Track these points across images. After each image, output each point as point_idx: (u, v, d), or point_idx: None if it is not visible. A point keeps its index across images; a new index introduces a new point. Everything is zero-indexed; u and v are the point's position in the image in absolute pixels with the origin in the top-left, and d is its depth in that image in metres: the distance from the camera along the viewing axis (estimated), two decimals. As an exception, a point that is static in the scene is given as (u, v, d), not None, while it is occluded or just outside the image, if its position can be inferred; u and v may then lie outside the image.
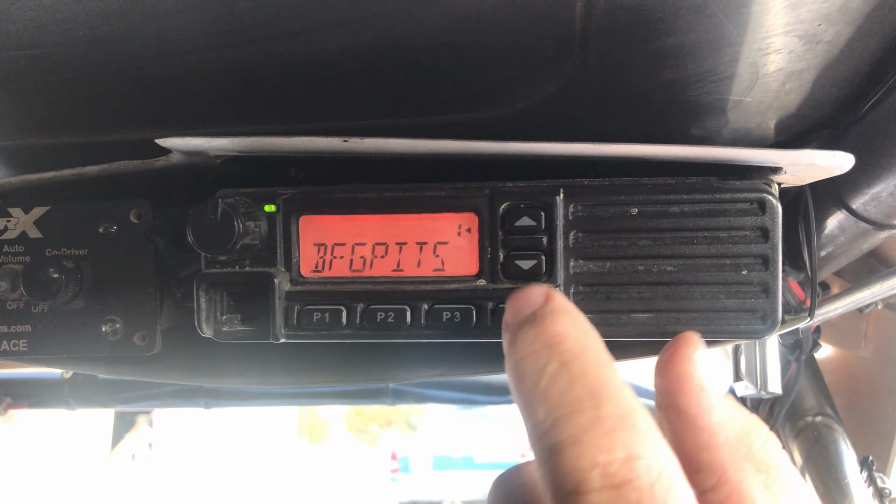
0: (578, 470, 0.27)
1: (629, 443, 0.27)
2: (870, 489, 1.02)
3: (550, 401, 0.30)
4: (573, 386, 0.30)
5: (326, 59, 0.44)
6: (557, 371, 0.31)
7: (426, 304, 0.47)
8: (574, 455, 0.27)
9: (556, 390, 0.30)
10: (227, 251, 0.47)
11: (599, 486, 0.26)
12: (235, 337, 0.49)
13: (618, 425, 0.28)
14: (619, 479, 0.26)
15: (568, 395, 0.30)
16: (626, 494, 0.26)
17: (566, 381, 0.30)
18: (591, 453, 0.27)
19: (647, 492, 0.26)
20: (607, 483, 0.26)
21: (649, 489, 0.26)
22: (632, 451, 0.27)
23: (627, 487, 0.26)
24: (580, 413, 0.29)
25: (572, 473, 0.27)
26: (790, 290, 0.72)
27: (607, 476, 0.27)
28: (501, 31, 0.41)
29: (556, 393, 0.30)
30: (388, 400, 1.60)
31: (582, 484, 0.27)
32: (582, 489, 0.26)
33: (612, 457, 0.27)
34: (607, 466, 0.27)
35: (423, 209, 0.47)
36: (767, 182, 0.44)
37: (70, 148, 0.54)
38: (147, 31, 0.41)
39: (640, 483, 0.26)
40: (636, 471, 0.27)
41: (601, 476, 0.27)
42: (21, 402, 1.64)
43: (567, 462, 0.27)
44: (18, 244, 0.54)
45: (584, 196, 0.45)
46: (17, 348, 0.54)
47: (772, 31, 0.41)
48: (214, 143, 0.46)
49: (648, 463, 0.27)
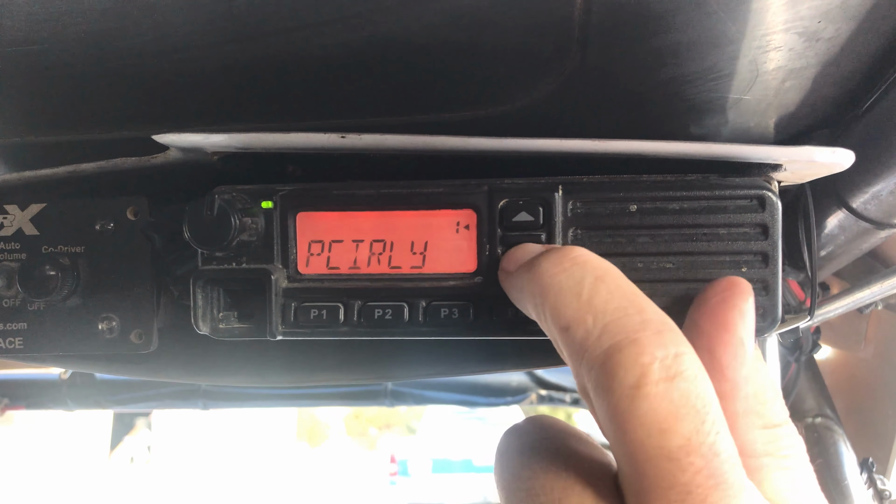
0: (641, 364, 0.30)
1: (676, 341, 0.31)
2: (870, 491, 1.01)
3: (597, 308, 0.33)
4: (613, 296, 0.33)
5: (324, 55, 0.44)
6: (595, 283, 0.34)
7: (424, 301, 0.47)
8: (635, 352, 0.30)
9: (599, 300, 0.33)
10: (223, 248, 0.47)
11: (658, 377, 0.30)
12: (232, 334, 0.49)
13: (663, 327, 0.31)
14: (674, 370, 0.30)
15: (611, 303, 0.33)
16: (679, 384, 0.30)
17: (606, 292, 0.33)
18: (650, 349, 0.30)
19: (693, 381, 0.30)
20: (664, 375, 0.30)
21: (694, 379, 0.30)
22: (679, 347, 0.31)
23: (679, 378, 0.30)
24: (629, 317, 0.32)
25: (635, 368, 0.30)
26: (790, 290, 0.72)
27: (664, 368, 0.30)
28: (500, 28, 0.41)
29: (601, 302, 0.33)
30: (387, 401, 1.61)
31: (644, 376, 0.30)
32: (644, 381, 0.30)
33: (666, 352, 0.30)
34: (664, 360, 0.30)
35: (421, 206, 0.47)
36: (767, 179, 0.44)
37: (67, 145, 0.54)
38: (144, 28, 0.41)
39: (688, 374, 0.30)
40: (685, 363, 0.30)
41: (659, 368, 0.30)
42: (19, 403, 1.64)
43: (629, 357, 0.30)
44: (14, 241, 0.54)
45: (582, 193, 0.45)
46: (13, 346, 0.54)
47: (772, 29, 0.41)
48: (211, 139, 0.46)
49: (691, 357, 0.31)
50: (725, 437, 0.30)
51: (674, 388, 0.29)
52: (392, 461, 9.23)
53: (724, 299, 0.36)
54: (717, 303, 0.36)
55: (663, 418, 0.29)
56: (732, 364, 0.35)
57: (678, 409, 0.29)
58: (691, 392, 0.30)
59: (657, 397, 0.29)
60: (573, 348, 0.33)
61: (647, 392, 0.29)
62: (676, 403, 0.29)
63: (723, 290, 0.37)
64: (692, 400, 0.30)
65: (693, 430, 0.29)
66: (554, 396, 1.72)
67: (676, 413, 0.29)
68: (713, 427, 0.30)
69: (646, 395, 0.29)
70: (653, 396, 0.29)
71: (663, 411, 0.29)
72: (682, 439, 0.29)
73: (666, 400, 0.29)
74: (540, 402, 1.73)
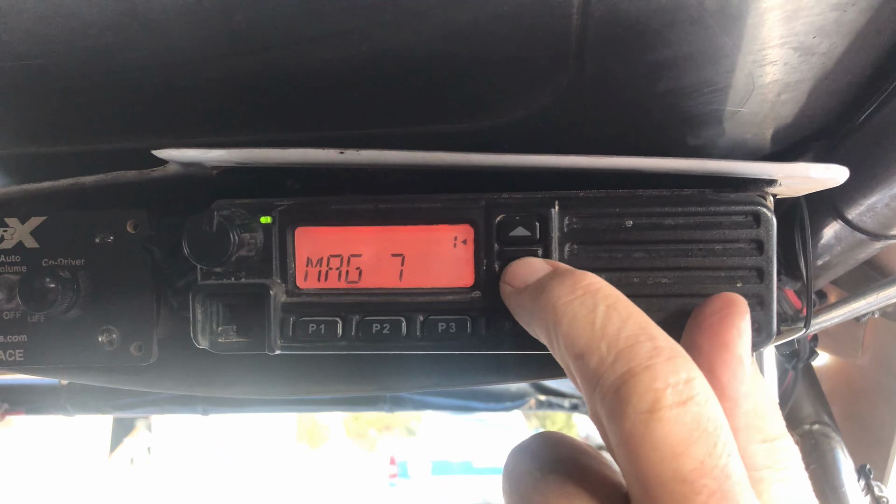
0: (654, 390, 0.31)
1: (686, 367, 0.32)
2: (867, 497, 1.01)
3: (610, 336, 0.34)
4: (626, 324, 0.34)
5: (323, 69, 0.44)
6: (607, 312, 0.35)
7: (422, 315, 0.47)
8: (649, 378, 0.31)
9: (612, 328, 0.34)
10: (222, 263, 0.47)
11: (671, 402, 0.30)
12: (231, 348, 0.49)
13: (674, 353, 0.32)
14: (686, 395, 0.31)
15: (624, 331, 0.34)
16: (691, 408, 0.30)
17: (618, 320, 0.34)
18: (664, 375, 0.31)
19: (705, 405, 0.31)
20: (677, 400, 0.30)
21: (706, 403, 0.31)
22: (690, 373, 0.32)
23: (691, 402, 0.31)
24: (641, 344, 0.33)
25: (648, 393, 0.31)
26: (787, 299, 0.72)
27: (677, 393, 0.31)
28: (498, 42, 0.41)
29: (614, 330, 0.34)
30: (386, 407, 1.61)
31: (658, 401, 0.30)
32: (657, 406, 0.30)
33: (678, 378, 0.31)
34: (676, 386, 0.31)
35: (419, 221, 0.47)
36: (762, 194, 0.44)
37: (67, 158, 0.54)
38: (144, 42, 0.41)
39: (699, 398, 0.31)
40: (696, 389, 0.31)
41: (672, 394, 0.31)
42: (19, 409, 1.64)
43: (642, 384, 0.31)
44: (15, 254, 0.54)
45: (579, 208, 0.45)
46: (14, 358, 0.54)
47: (767, 43, 0.41)
48: (211, 154, 0.46)
49: (701, 382, 0.32)
50: (736, 459, 0.31)
51: (686, 413, 0.30)
52: (392, 463, 9.22)
53: (721, 318, 0.37)
54: (715, 322, 0.37)
55: (677, 442, 0.30)
56: (732, 382, 0.36)
57: (691, 432, 0.30)
58: (703, 415, 0.30)
59: (670, 422, 0.30)
60: (587, 375, 0.34)
61: (660, 416, 0.30)
62: (689, 427, 0.30)
63: (720, 308, 0.38)
64: (704, 423, 0.30)
65: (706, 454, 0.30)
66: (553, 402, 1.72)
67: (689, 437, 0.30)
68: (725, 449, 0.30)
69: (659, 420, 0.30)
70: (666, 421, 0.30)
71: (676, 435, 0.30)
72: (695, 462, 0.29)
73: (679, 424, 0.30)
74: (539, 407, 1.73)
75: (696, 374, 0.32)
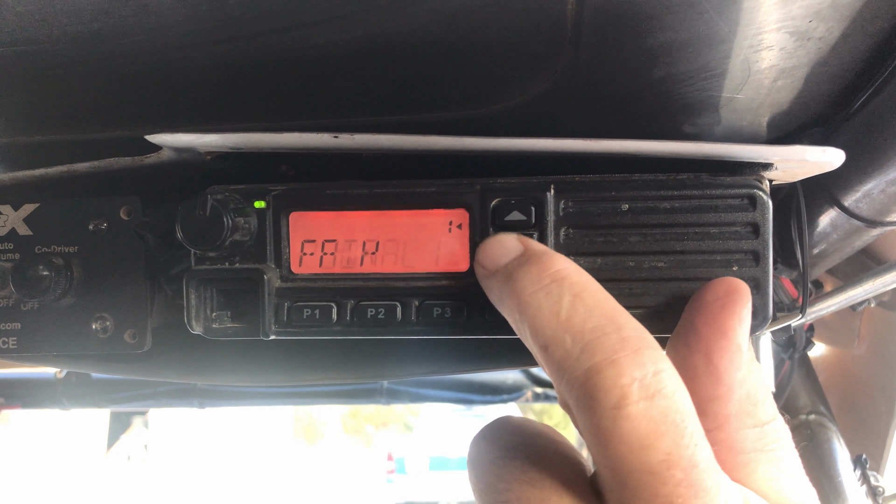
0: (620, 385, 0.30)
1: (654, 358, 0.31)
2: (863, 487, 1.02)
3: (575, 328, 0.33)
4: (591, 314, 0.34)
5: (317, 55, 0.44)
6: (573, 302, 0.34)
7: (417, 300, 0.47)
8: (614, 373, 0.31)
9: (577, 319, 0.33)
10: (216, 247, 0.47)
11: (638, 397, 0.30)
12: (226, 334, 0.49)
13: (640, 345, 0.32)
14: (653, 389, 0.31)
15: (589, 322, 0.33)
16: (658, 402, 0.30)
17: (584, 311, 0.34)
18: (629, 370, 0.31)
19: (672, 398, 0.31)
20: (644, 394, 0.30)
21: (673, 395, 0.31)
22: (657, 365, 0.31)
23: (658, 396, 0.30)
24: (606, 337, 0.32)
25: (614, 389, 0.30)
26: (783, 287, 0.72)
27: (643, 388, 0.30)
28: (493, 27, 0.41)
29: (579, 321, 0.33)
30: (383, 399, 1.61)
31: (624, 397, 0.30)
32: (624, 402, 0.30)
33: (644, 371, 0.31)
34: (642, 380, 0.31)
35: (414, 205, 0.47)
36: (758, 178, 0.44)
37: (60, 145, 0.54)
38: (137, 28, 0.41)
39: (667, 391, 0.31)
40: (663, 381, 0.31)
41: (639, 388, 0.30)
42: (14, 403, 1.64)
43: (608, 379, 0.31)
44: (8, 241, 0.54)
45: (574, 192, 0.45)
46: (7, 346, 0.54)
47: (763, 28, 0.41)
48: (204, 139, 0.46)
49: (669, 374, 0.31)
50: (703, 447, 0.31)
51: (653, 406, 0.30)
52: (389, 459, 9.24)
53: (722, 305, 0.37)
54: (717, 308, 0.37)
55: (644, 435, 0.30)
56: (729, 369, 0.35)
57: (658, 426, 0.30)
58: (670, 408, 0.30)
59: (637, 417, 0.30)
60: (552, 367, 0.34)
61: (627, 412, 0.30)
62: (656, 421, 0.30)
63: (723, 294, 0.37)
64: (671, 416, 0.30)
65: (673, 445, 0.30)
66: (549, 394, 1.73)
67: (657, 430, 0.30)
68: (692, 440, 0.30)
69: (626, 416, 0.30)
70: (633, 416, 0.30)
71: (644, 429, 0.30)
72: (662, 454, 0.30)
73: (646, 418, 0.30)
74: (535, 399, 1.73)
75: (663, 366, 0.31)
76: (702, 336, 0.36)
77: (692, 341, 0.37)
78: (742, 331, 0.36)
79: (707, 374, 0.36)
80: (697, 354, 0.36)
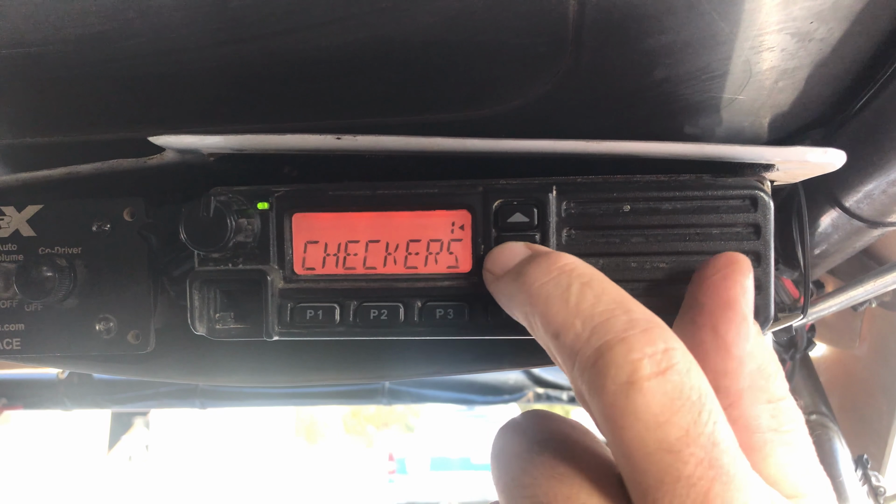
0: (631, 361, 0.30)
1: (664, 336, 0.31)
2: (864, 487, 1.02)
3: (584, 312, 0.33)
4: (600, 299, 0.34)
5: (320, 56, 0.44)
6: (581, 289, 0.35)
7: (420, 301, 0.47)
8: (624, 350, 0.31)
9: (586, 304, 0.34)
10: (219, 248, 0.47)
11: (649, 373, 0.30)
12: (229, 335, 0.49)
13: (650, 324, 0.32)
14: (664, 365, 0.30)
15: (598, 306, 0.33)
16: (671, 377, 0.30)
17: (592, 296, 0.34)
18: (639, 346, 0.31)
19: (686, 374, 0.30)
20: (655, 370, 0.30)
21: (687, 372, 0.30)
22: (668, 343, 0.31)
23: (671, 371, 0.30)
24: (616, 318, 0.32)
25: (625, 365, 0.30)
26: (784, 288, 0.72)
27: (654, 363, 0.30)
28: (495, 29, 0.41)
29: (588, 306, 0.34)
30: (385, 399, 1.61)
31: (635, 372, 0.30)
32: (635, 377, 0.30)
33: (655, 348, 0.31)
34: (653, 356, 0.30)
35: (417, 207, 0.47)
36: (760, 179, 0.44)
37: (63, 146, 0.54)
38: (140, 29, 0.41)
39: (679, 367, 0.30)
40: (675, 358, 0.31)
41: (650, 363, 0.30)
42: (16, 403, 1.64)
43: (619, 356, 0.31)
44: (11, 243, 0.54)
45: (576, 193, 0.45)
46: (11, 347, 0.54)
47: (764, 29, 0.41)
48: (207, 140, 0.46)
49: (682, 352, 0.31)
50: (723, 427, 0.30)
51: (666, 381, 0.30)
52: (390, 459, 9.23)
53: (725, 276, 0.37)
54: (720, 279, 0.37)
55: (659, 411, 0.29)
56: (737, 340, 0.35)
57: (673, 401, 0.29)
58: (685, 384, 0.30)
59: (651, 391, 0.29)
60: (565, 353, 0.33)
61: (640, 387, 0.30)
62: (671, 395, 0.29)
63: (724, 266, 0.37)
64: (686, 391, 0.30)
65: (691, 421, 0.29)
66: (551, 395, 1.73)
67: (671, 405, 0.29)
68: (710, 417, 0.30)
69: (639, 390, 0.30)
70: (646, 391, 0.30)
71: (658, 404, 0.29)
72: (680, 431, 0.29)
73: (660, 393, 0.29)
74: (537, 400, 1.73)
75: (674, 344, 0.31)
76: (706, 309, 0.36)
77: (697, 316, 0.36)
78: (746, 301, 0.36)
79: (716, 347, 0.35)
80: (704, 329, 0.36)
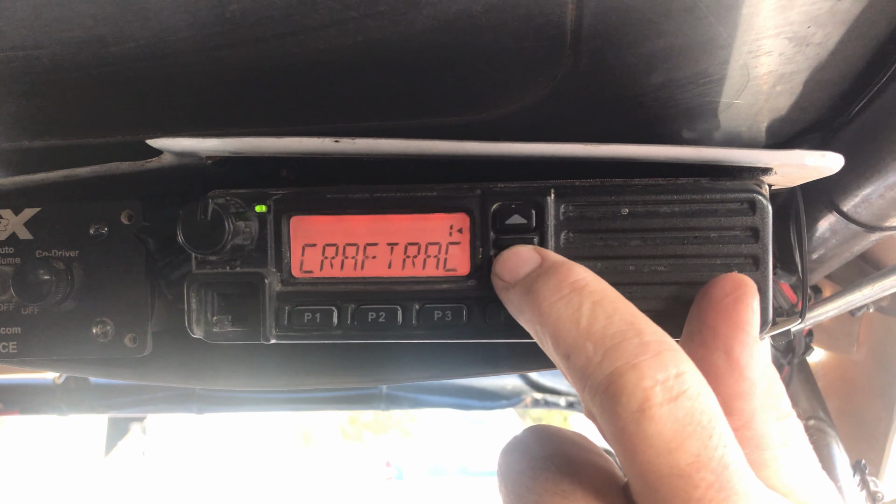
0: (643, 389, 0.30)
1: (676, 361, 0.31)
2: (862, 492, 1.02)
3: (595, 335, 0.33)
4: (611, 321, 0.34)
5: (318, 60, 0.44)
6: (593, 310, 0.35)
7: (417, 303, 0.47)
8: (636, 377, 0.31)
9: (598, 326, 0.34)
10: (217, 251, 0.47)
11: (661, 399, 0.30)
12: (226, 338, 0.49)
13: (661, 348, 0.32)
14: (676, 391, 0.30)
15: (609, 328, 0.33)
16: (683, 403, 0.30)
17: (604, 317, 0.34)
18: (651, 373, 0.31)
19: (697, 399, 0.30)
20: (667, 396, 0.30)
21: (698, 396, 0.31)
22: (679, 367, 0.31)
23: (682, 397, 0.30)
24: (627, 342, 0.32)
25: (637, 392, 0.30)
26: (782, 293, 0.72)
27: (666, 390, 0.30)
28: (493, 33, 0.41)
29: (599, 328, 0.33)
30: (382, 405, 1.61)
31: (647, 400, 0.30)
32: (647, 404, 0.30)
33: (666, 374, 0.31)
34: (665, 382, 0.30)
35: (415, 210, 0.47)
36: (758, 183, 0.44)
37: (61, 149, 0.54)
38: (138, 33, 0.41)
39: (691, 392, 0.31)
40: (686, 383, 0.31)
41: (662, 390, 0.30)
42: (13, 409, 1.63)
43: (630, 383, 0.30)
44: (8, 246, 0.54)
45: (574, 196, 0.45)
46: (7, 350, 0.54)
47: (762, 34, 0.41)
48: (205, 143, 0.46)
49: (693, 376, 0.31)
50: (733, 448, 0.30)
51: (678, 408, 0.30)
52: (387, 465, 9.21)
53: (735, 299, 0.37)
54: (730, 303, 0.37)
55: (671, 438, 0.30)
56: (750, 363, 0.35)
57: (684, 427, 0.30)
58: (696, 409, 0.30)
59: (662, 419, 0.30)
60: (576, 375, 0.33)
61: (651, 415, 0.30)
62: (682, 422, 0.30)
63: (733, 289, 0.37)
64: (697, 416, 0.30)
65: (701, 447, 0.30)
66: (549, 400, 1.72)
67: (683, 431, 0.30)
68: (720, 441, 0.30)
69: (651, 418, 0.30)
70: (658, 418, 0.30)
71: (669, 431, 0.30)
72: (690, 457, 0.29)
73: (671, 420, 0.30)
74: (535, 405, 1.73)
75: (686, 368, 0.31)
76: (720, 333, 0.36)
77: (709, 339, 0.36)
78: (756, 323, 0.36)
79: (729, 371, 0.35)
80: (717, 353, 0.36)
